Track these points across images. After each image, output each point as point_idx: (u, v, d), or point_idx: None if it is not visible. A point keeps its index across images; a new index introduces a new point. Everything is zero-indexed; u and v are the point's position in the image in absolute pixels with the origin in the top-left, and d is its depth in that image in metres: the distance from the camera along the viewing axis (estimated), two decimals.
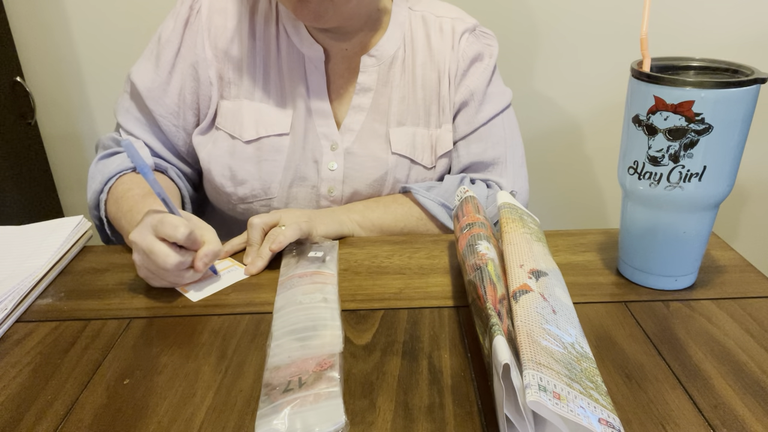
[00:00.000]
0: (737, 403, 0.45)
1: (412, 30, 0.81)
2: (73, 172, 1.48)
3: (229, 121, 0.77)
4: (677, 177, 0.54)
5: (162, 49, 0.77)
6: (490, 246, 0.54)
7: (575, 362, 0.41)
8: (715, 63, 0.57)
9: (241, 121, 0.77)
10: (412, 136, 0.80)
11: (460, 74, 0.81)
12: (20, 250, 0.66)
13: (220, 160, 0.77)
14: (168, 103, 0.78)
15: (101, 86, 1.38)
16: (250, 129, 0.76)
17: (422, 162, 0.80)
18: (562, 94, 1.33)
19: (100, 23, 1.31)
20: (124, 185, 0.73)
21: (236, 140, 0.76)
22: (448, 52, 0.80)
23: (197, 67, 0.77)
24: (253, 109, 0.77)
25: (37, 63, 1.35)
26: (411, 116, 0.80)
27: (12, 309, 0.57)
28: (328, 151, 0.78)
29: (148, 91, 0.77)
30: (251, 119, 0.77)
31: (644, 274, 0.60)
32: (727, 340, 0.52)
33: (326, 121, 0.78)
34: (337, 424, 0.42)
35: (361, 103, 0.79)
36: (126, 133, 0.79)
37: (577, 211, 1.46)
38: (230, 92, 0.78)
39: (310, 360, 0.48)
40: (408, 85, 0.80)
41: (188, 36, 0.77)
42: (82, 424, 0.44)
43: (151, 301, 0.59)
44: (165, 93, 0.77)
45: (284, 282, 0.60)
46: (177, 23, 0.77)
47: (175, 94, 0.77)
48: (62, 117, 1.41)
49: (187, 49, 0.77)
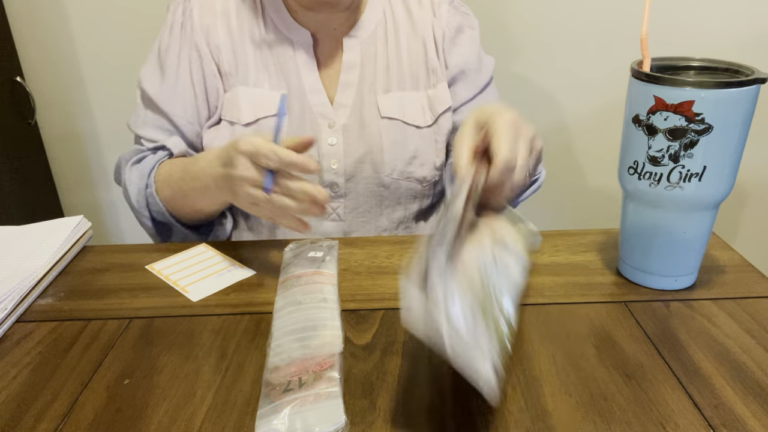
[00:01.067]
0: (737, 403, 0.45)
1: (392, 5, 0.86)
2: (73, 172, 1.48)
3: (228, 110, 0.80)
4: (677, 177, 0.54)
5: (164, 57, 0.80)
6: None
7: (494, 309, 0.43)
8: (715, 63, 0.57)
9: (238, 106, 0.79)
10: (399, 100, 0.82)
11: (448, 42, 0.85)
12: (20, 250, 0.66)
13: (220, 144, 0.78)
14: (180, 102, 0.80)
15: (101, 86, 1.38)
16: (248, 112, 0.79)
17: (415, 123, 0.82)
18: (562, 94, 1.33)
19: (100, 23, 1.32)
20: (164, 166, 0.75)
21: (236, 125, 0.79)
22: (429, 19, 0.85)
23: (201, 63, 0.80)
24: (249, 94, 0.80)
25: (37, 63, 1.35)
26: (396, 82, 0.83)
27: (12, 309, 0.57)
28: (326, 128, 0.80)
29: (160, 96, 0.79)
30: (248, 103, 0.79)
31: (644, 274, 0.60)
32: (727, 340, 0.52)
33: (320, 99, 0.81)
34: (337, 424, 0.42)
35: (348, 79, 0.82)
36: (148, 141, 0.80)
37: (577, 211, 1.46)
38: (228, 83, 0.81)
39: (310, 360, 0.48)
40: (392, 56, 0.84)
41: (185, 37, 0.80)
42: (82, 424, 0.44)
43: (151, 301, 0.59)
44: (176, 93, 0.80)
45: (284, 282, 0.60)
46: (173, 29, 0.81)
47: (186, 92, 0.80)
48: (62, 117, 1.41)
49: (187, 50, 0.80)
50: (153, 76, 0.81)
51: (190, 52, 0.79)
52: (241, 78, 0.80)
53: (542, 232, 0.72)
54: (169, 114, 0.79)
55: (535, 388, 0.47)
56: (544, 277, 0.62)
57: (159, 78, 0.80)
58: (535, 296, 0.59)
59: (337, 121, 0.80)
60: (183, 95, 0.80)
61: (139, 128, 0.81)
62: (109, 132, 1.44)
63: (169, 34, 0.81)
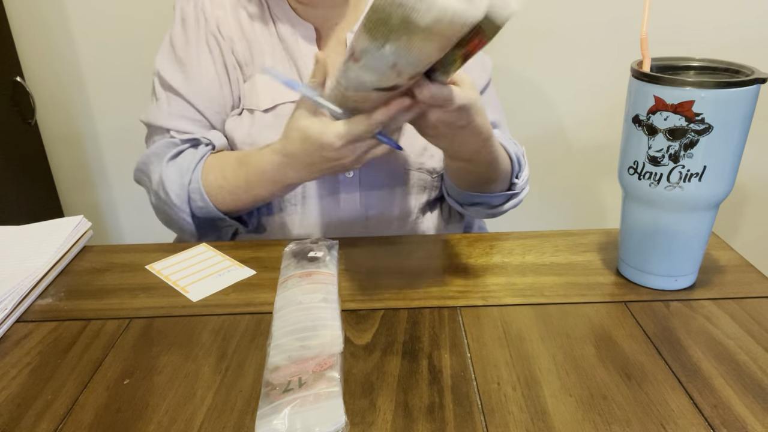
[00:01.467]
0: (737, 403, 0.45)
1: None
2: (73, 172, 1.48)
3: (247, 98, 0.81)
4: (677, 177, 0.54)
5: (183, 52, 0.80)
6: None
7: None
8: (715, 63, 0.57)
9: (257, 94, 0.80)
10: None
11: None
12: (20, 250, 0.66)
13: (241, 131, 0.80)
14: (206, 94, 0.80)
15: (101, 86, 1.38)
16: (266, 98, 0.79)
17: None
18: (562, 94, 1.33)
19: (100, 23, 1.32)
20: (215, 158, 0.75)
21: (255, 112, 0.79)
22: None
23: (222, 54, 0.80)
24: (266, 81, 0.80)
25: (37, 63, 1.35)
26: None
27: (12, 309, 0.57)
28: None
29: (186, 89, 0.79)
30: (265, 90, 0.80)
31: (644, 274, 0.60)
32: (727, 340, 0.52)
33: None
34: (337, 424, 0.42)
35: None
36: (180, 133, 0.79)
37: (577, 211, 1.46)
38: (246, 73, 0.81)
39: (310, 360, 0.48)
40: None
41: (202, 30, 0.81)
42: (82, 424, 0.44)
43: (151, 301, 0.59)
44: (200, 86, 0.80)
45: (284, 282, 0.60)
46: (187, 23, 0.81)
47: (211, 84, 0.80)
48: (62, 117, 1.41)
49: (205, 42, 0.81)
50: (174, 72, 0.80)
51: (209, 45, 0.80)
52: (258, 67, 0.81)
53: (542, 232, 0.72)
54: (198, 106, 0.79)
55: (535, 388, 0.47)
56: (544, 277, 0.62)
57: (181, 73, 0.80)
58: (535, 296, 0.59)
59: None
60: (208, 88, 0.80)
61: (165, 121, 0.80)
62: (109, 132, 1.44)
63: (183, 28, 0.81)
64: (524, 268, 0.64)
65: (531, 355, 0.50)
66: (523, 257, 0.67)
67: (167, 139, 0.79)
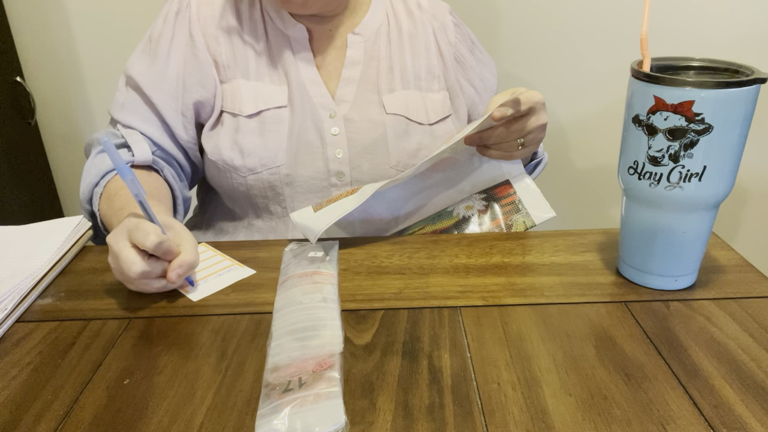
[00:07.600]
0: (737, 403, 0.45)
1: (393, 6, 0.88)
2: (73, 172, 1.48)
3: (229, 102, 0.80)
4: (677, 177, 0.54)
5: (156, 45, 0.80)
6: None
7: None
8: (715, 63, 0.57)
9: (240, 99, 0.80)
10: (404, 98, 0.84)
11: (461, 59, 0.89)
12: (20, 250, 0.66)
13: (227, 137, 0.80)
14: (167, 88, 0.80)
15: (101, 86, 1.38)
16: (250, 104, 0.80)
17: (418, 120, 0.84)
18: (562, 94, 1.33)
19: (100, 23, 1.32)
20: (120, 182, 0.73)
21: (239, 117, 0.80)
22: (430, 23, 0.88)
23: (194, 51, 0.80)
24: (250, 87, 0.81)
25: (37, 63, 1.35)
26: (401, 83, 0.85)
27: (12, 309, 0.57)
28: (328, 118, 0.81)
29: (146, 79, 0.79)
30: (249, 96, 0.80)
31: (644, 274, 0.60)
32: (727, 340, 0.52)
33: (320, 91, 0.82)
34: (337, 424, 0.42)
35: (350, 75, 0.83)
36: (124, 126, 0.80)
37: (577, 211, 1.46)
38: (227, 74, 0.81)
39: (310, 360, 0.48)
40: (395, 57, 0.85)
41: (180, 25, 0.81)
42: (82, 424, 0.44)
43: (151, 301, 0.59)
44: (164, 79, 0.80)
45: (284, 282, 0.60)
46: (167, 17, 0.81)
47: (173, 78, 0.80)
48: (62, 117, 1.41)
49: (180, 38, 0.80)
50: (141, 62, 0.81)
51: (184, 40, 0.80)
52: (241, 70, 0.81)
53: (542, 232, 0.72)
54: (153, 99, 0.79)
55: (535, 388, 0.47)
56: (544, 277, 0.62)
57: (147, 64, 0.80)
58: (535, 296, 0.59)
59: (338, 112, 0.81)
60: (172, 82, 0.79)
61: (116, 111, 0.80)
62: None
63: (163, 22, 0.81)
64: (524, 268, 0.64)
65: (531, 355, 0.50)
66: (523, 257, 0.67)
67: (111, 129, 0.81)
